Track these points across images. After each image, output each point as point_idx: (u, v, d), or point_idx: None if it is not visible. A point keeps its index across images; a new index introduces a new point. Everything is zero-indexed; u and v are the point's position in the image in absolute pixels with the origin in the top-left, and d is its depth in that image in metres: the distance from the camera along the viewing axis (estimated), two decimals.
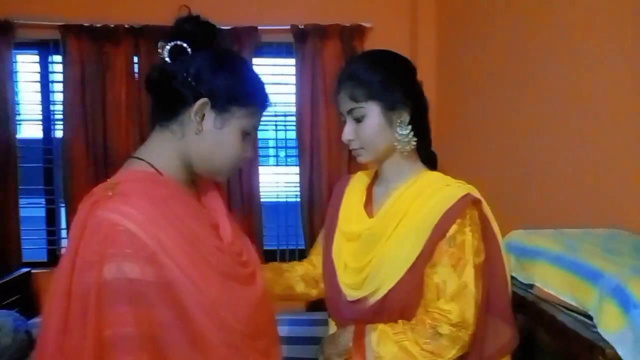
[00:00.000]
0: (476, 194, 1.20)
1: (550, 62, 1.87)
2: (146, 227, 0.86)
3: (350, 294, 1.23)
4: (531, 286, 1.31)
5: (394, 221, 1.20)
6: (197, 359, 0.89)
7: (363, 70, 1.19)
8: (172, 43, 0.97)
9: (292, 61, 3.21)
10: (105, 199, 0.89)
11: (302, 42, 3.14)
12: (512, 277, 1.41)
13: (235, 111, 0.99)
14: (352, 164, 3.08)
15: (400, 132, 1.19)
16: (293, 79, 3.19)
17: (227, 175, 1.06)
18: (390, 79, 1.19)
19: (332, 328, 1.34)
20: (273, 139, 3.49)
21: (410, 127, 1.20)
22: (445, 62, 2.98)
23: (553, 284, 1.21)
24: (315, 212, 3.19)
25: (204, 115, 0.98)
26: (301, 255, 3.35)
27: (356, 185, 1.38)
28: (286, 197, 3.45)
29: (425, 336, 1.10)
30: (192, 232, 0.93)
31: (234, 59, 1.04)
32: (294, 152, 3.35)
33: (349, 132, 1.21)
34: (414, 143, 1.22)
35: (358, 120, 1.19)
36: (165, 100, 0.99)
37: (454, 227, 1.13)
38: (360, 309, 1.21)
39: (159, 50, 0.98)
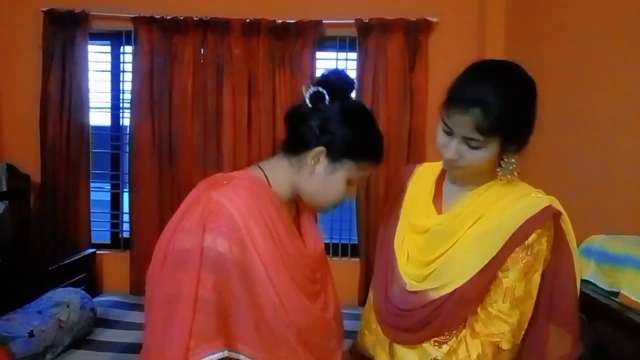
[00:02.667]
0: (558, 206, 1.15)
1: (629, 58, 1.77)
2: (244, 216, 1.00)
3: (411, 284, 1.22)
4: (615, 294, 1.25)
5: (468, 222, 1.17)
6: (254, 336, 1.00)
7: (496, 100, 1.07)
8: (315, 89, 1.07)
9: (355, 55, 3.19)
10: (220, 184, 1.05)
11: (365, 36, 3.12)
12: (592, 284, 1.36)
13: (346, 163, 1.09)
14: (411, 159, 3.04)
15: (507, 161, 1.13)
16: (354, 73, 3.17)
17: (328, 211, 1.18)
18: (521, 118, 1.11)
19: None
20: None
21: (517, 156, 1.14)
22: (514, 60, 2.88)
23: None
24: (371, 207, 3.17)
25: (319, 159, 1.09)
26: (353, 249, 3.34)
27: (423, 178, 1.34)
28: None
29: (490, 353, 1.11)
30: (278, 235, 1.05)
31: (360, 115, 1.13)
32: None
33: (454, 151, 1.12)
34: (516, 173, 1.15)
35: (472, 146, 1.11)
36: (294, 137, 1.11)
37: (533, 237, 1.10)
38: (417, 302, 1.19)
39: (303, 91, 1.09)
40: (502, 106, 1.06)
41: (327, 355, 1.11)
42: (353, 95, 1.15)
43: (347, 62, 3.29)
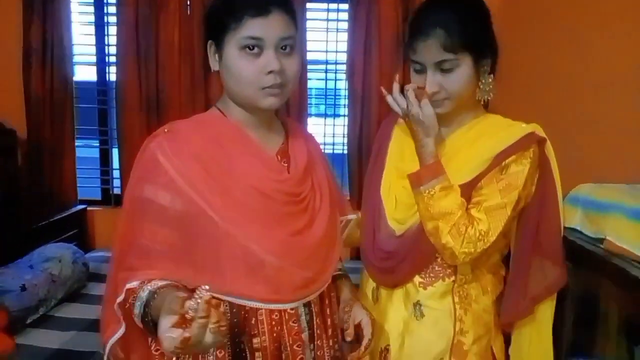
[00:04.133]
0: (541, 132, 1.18)
1: (623, 12, 1.74)
2: (172, 160, 1.01)
3: (398, 228, 1.24)
4: (601, 240, 1.26)
5: (455, 158, 1.20)
6: (205, 279, 0.93)
7: (455, 18, 1.12)
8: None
9: (346, 6, 3.11)
10: (159, 133, 1.07)
11: None
12: (578, 231, 1.37)
13: (226, 38, 1.02)
14: None
15: (484, 82, 1.17)
16: (345, 25, 3.09)
17: (261, 99, 1.05)
18: (482, 28, 1.16)
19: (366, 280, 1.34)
20: (321, 88, 3.43)
21: (492, 75, 1.18)
22: (511, 5, 2.81)
23: (628, 237, 1.16)
24: (363, 163, 3.15)
25: (215, 56, 1.07)
26: None
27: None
28: (332, 149, 3.41)
29: (461, 218, 1.14)
30: (224, 168, 1.04)
31: None
32: (339, 102, 3.29)
33: (434, 83, 1.15)
34: (492, 94, 1.19)
35: (445, 71, 1.13)
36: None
37: (512, 158, 1.14)
38: (401, 241, 1.23)
39: None
40: (463, 23, 1.12)
41: (302, 285, 1.08)
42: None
43: (339, 14, 3.20)
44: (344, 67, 3.20)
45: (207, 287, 0.76)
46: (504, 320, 1.25)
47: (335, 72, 3.34)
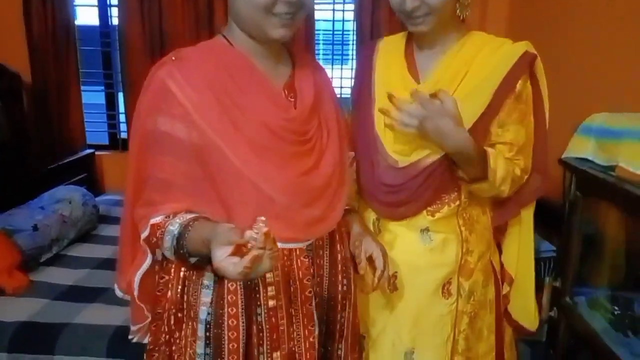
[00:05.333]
0: (532, 49, 1.18)
1: None
2: (185, 90, 0.97)
3: (402, 159, 1.21)
4: (613, 168, 1.24)
5: (453, 83, 1.17)
6: (221, 213, 0.99)
7: None
8: None
9: None
10: (166, 62, 1.01)
11: None
12: (589, 161, 1.35)
13: None
14: None
15: None
16: None
17: (271, 28, 1.00)
18: None
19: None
20: (328, 32, 3.34)
21: None
22: None
23: None
24: None
25: None
26: None
27: (389, 52, 1.30)
28: (340, 95, 3.36)
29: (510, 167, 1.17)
30: (235, 103, 1.00)
31: None
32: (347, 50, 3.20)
33: None
34: (470, 10, 1.17)
35: None
36: None
37: (520, 83, 1.15)
38: (408, 175, 1.21)
39: None
40: None
41: (311, 223, 1.08)
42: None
43: None
44: (352, 6, 3.10)
45: (263, 218, 0.81)
46: (495, 223, 1.30)
47: (343, 12, 3.24)
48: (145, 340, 1.19)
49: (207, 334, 1.04)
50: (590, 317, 1.37)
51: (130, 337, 1.23)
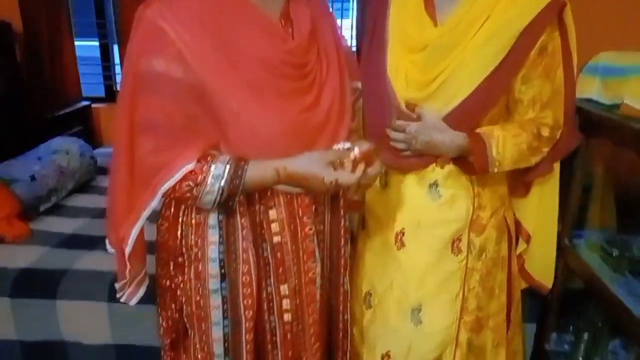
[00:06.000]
0: None
1: None
2: (177, 28, 0.92)
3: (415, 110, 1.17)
4: (617, 106, 1.22)
5: (472, 28, 1.11)
6: (224, 147, 0.99)
7: None
8: None
9: None
10: (154, 0, 0.96)
11: None
12: (593, 101, 1.32)
13: None
14: None
15: None
16: None
17: None
18: None
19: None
20: None
21: None
22: None
23: None
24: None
25: None
26: None
27: None
28: None
29: (533, 136, 1.13)
30: (229, 40, 0.97)
31: None
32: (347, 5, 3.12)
33: None
34: None
35: None
36: None
37: (545, 37, 1.07)
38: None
39: None
40: None
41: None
42: None
43: None
44: None
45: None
46: (528, 179, 1.28)
47: None
48: (133, 302, 1.20)
49: (222, 271, 1.06)
50: (589, 259, 1.38)
51: (117, 295, 1.20)
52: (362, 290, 1.34)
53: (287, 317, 1.12)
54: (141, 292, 1.20)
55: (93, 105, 3.19)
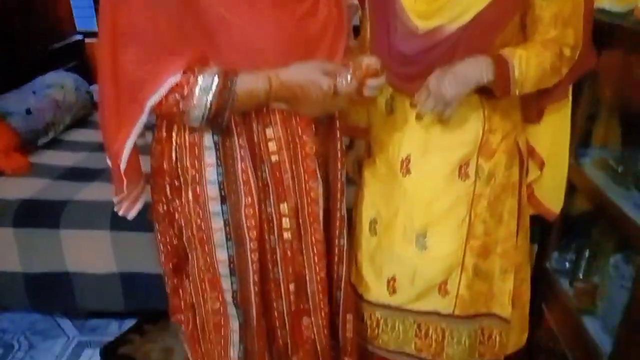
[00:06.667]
0: None
1: None
2: None
3: (423, 25, 1.10)
4: (631, 12, 1.16)
5: None
6: (214, 61, 0.93)
7: None
8: None
9: None
10: None
11: None
12: (605, 11, 1.26)
13: None
14: None
15: None
16: None
17: None
18: None
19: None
20: None
21: None
22: None
23: None
24: None
25: None
26: None
27: None
28: None
29: (556, 56, 1.08)
30: None
31: None
32: None
33: None
34: None
35: None
36: None
37: None
38: (428, 43, 1.10)
39: None
40: None
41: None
42: None
43: None
44: None
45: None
46: (542, 105, 1.24)
47: None
48: (131, 215, 1.17)
49: (222, 193, 1.04)
50: (594, 175, 1.36)
51: (115, 209, 1.18)
52: (368, 218, 1.33)
53: (286, 235, 1.11)
54: (139, 205, 1.17)
55: (87, 40, 3.10)
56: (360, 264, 1.35)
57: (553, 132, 1.29)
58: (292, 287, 1.15)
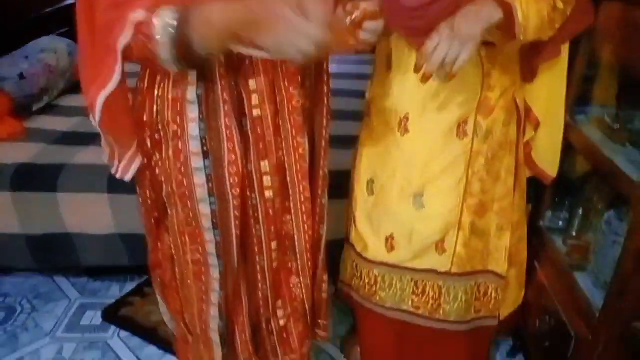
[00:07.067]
0: None
1: None
2: None
3: None
4: None
5: None
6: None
7: None
8: None
9: None
10: None
11: None
12: None
13: None
14: None
15: None
16: None
17: None
18: None
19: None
20: None
21: None
22: None
23: None
24: None
25: None
26: None
27: None
28: None
29: (550, 7, 1.05)
30: None
31: None
32: None
33: None
34: None
35: None
36: None
37: None
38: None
39: None
40: None
41: None
42: None
43: None
44: None
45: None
46: (535, 63, 1.22)
47: None
48: (128, 178, 1.13)
49: (205, 148, 1.01)
50: (589, 132, 1.37)
51: (112, 172, 1.14)
52: (365, 177, 1.34)
53: (268, 194, 1.09)
54: (135, 167, 1.12)
55: None
56: (358, 223, 1.36)
57: (548, 92, 1.29)
58: (273, 244, 1.15)
